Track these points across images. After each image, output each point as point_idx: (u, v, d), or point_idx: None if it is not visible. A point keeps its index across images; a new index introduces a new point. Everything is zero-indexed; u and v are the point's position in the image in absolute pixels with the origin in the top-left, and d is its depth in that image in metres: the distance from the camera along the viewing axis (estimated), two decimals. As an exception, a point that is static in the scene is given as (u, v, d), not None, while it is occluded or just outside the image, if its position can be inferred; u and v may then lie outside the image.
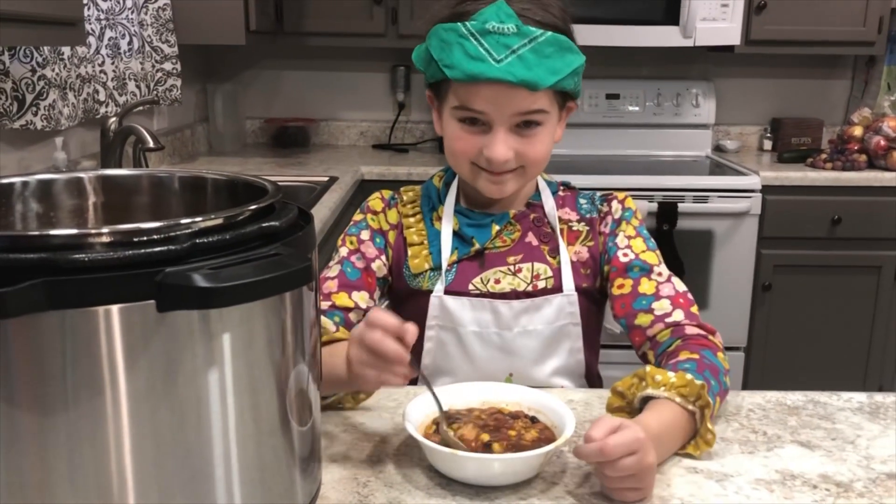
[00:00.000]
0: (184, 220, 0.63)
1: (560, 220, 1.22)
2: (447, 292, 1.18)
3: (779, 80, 3.27)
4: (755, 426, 1.01)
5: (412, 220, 1.24)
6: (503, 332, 1.18)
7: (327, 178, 2.49)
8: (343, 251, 1.21)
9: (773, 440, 0.97)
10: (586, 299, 1.21)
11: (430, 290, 1.19)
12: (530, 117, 1.11)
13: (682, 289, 1.15)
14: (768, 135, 3.22)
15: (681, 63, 3.23)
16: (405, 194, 1.27)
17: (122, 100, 2.16)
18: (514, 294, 1.18)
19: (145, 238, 0.61)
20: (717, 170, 2.86)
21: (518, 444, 0.87)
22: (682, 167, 2.95)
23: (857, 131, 2.84)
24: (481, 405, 0.96)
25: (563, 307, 1.18)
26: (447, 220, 1.21)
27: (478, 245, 1.20)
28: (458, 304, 1.18)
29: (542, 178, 1.25)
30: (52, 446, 0.60)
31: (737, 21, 2.79)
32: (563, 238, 1.21)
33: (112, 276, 0.58)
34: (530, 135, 1.12)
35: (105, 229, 0.60)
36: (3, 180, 0.82)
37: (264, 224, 0.68)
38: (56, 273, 0.57)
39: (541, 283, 1.18)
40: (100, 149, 2.05)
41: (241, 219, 0.67)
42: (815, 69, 3.26)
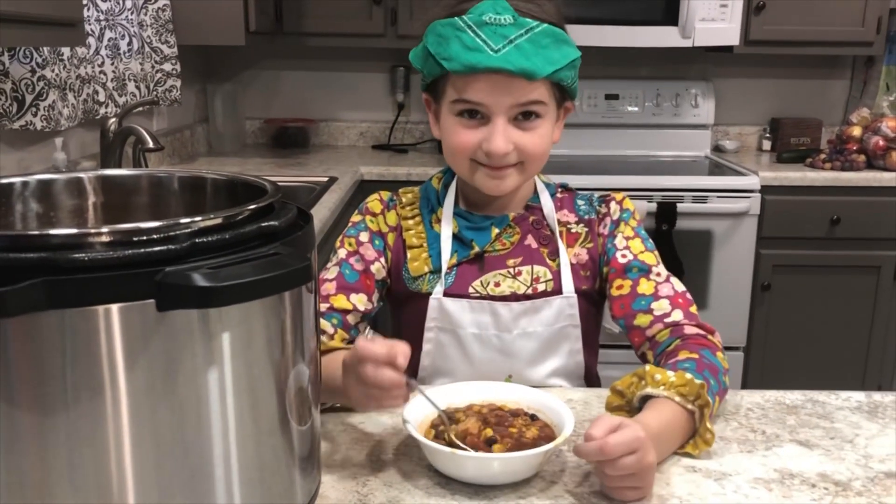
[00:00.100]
0: (183, 220, 0.63)
1: (559, 222, 1.22)
2: (447, 295, 1.18)
3: (778, 81, 3.27)
4: (754, 425, 1.01)
5: (411, 222, 1.23)
6: (503, 334, 1.17)
7: (327, 179, 2.49)
8: (341, 253, 1.19)
9: (772, 439, 0.97)
10: (586, 301, 1.20)
11: (429, 293, 1.18)
12: (529, 108, 1.10)
13: (680, 289, 1.15)
14: (767, 135, 3.22)
15: (680, 63, 3.23)
16: (404, 196, 1.26)
17: (121, 100, 2.16)
18: (514, 297, 1.18)
19: (145, 238, 0.61)
20: (716, 170, 2.86)
21: (520, 442, 0.87)
22: (681, 167, 2.95)
23: (856, 131, 2.84)
24: (481, 403, 0.96)
25: (562, 309, 1.18)
26: (446, 223, 1.20)
27: (477, 248, 1.19)
28: (457, 307, 1.17)
29: (540, 179, 1.25)
30: (51, 445, 0.60)
31: (736, 21, 2.79)
32: (562, 240, 1.20)
33: (112, 276, 0.58)
34: (530, 127, 1.12)
35: (105, 229, 0.60)
36: (3, 180, 0.82)
37: (264, 224, 0.68)
38: (56, 272, 0.57)
39: (540, 287, 1.18)
40: (99, 149, 2.05)
41: (240, 218, 0.67)
42: (814, 69, 3.26)
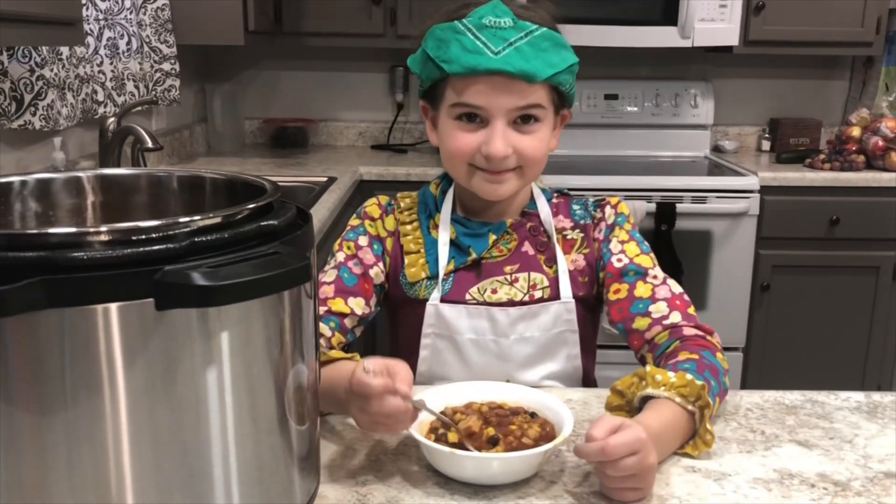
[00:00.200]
0: (182, 219, 0.63)
1: (555, 228, 1.21)
2: (444, 301, 1.17)
3: (777, 81, 3.27)
4: (753, 425, 1.01)
5: (409, 227, 1.23)
6: (500, 340, 1.17)
7: (326, 179, 2.49)
8: (340, 256, 1.19)
9: (772, 439, 0.97)
10: (584, 307, 1.20)
11: (426, 299, 1.18)
12: (528, 111, 1.11)
13: (678, 290, 1.15)
14: (766, 135, 3.22)
15: (679, 63, 3.23)
16: (402, 201, 1.26)
17: (120, 100, 2.16)
18: (511, 304, 1.17)
19: (144, 236, 0.61)
20: (715, 170, 2.86)
21: (521, 441, 0.87)
22: (680, 168, 2.95)
23: (856, 132, 2.84)
24: (481, 402, 0.96)
25: (560, 314, 1.18)
26: (444, 229, 1.20)
27: (474, 254, 1.19)
28: (454, 312, 1.17)
29: (536, 185, 1.25)
30: (50, 445, 0.60)
31: (735, 22, 2.79)
32: (559, 247, 1.20)
33: (111, 275, 0.58)
34: (528, 131, 1.12)
35: (104, 228, 0.60)
36: (2, 179, 0.81)
37: (263, 223, 0.68)
38: (55, 271, 0.57)
39: (537, 293, 1.18)
40: (98, 149, 2.04)
41: (239, 217, 0.67)
42: (814, 70, 3.26)
